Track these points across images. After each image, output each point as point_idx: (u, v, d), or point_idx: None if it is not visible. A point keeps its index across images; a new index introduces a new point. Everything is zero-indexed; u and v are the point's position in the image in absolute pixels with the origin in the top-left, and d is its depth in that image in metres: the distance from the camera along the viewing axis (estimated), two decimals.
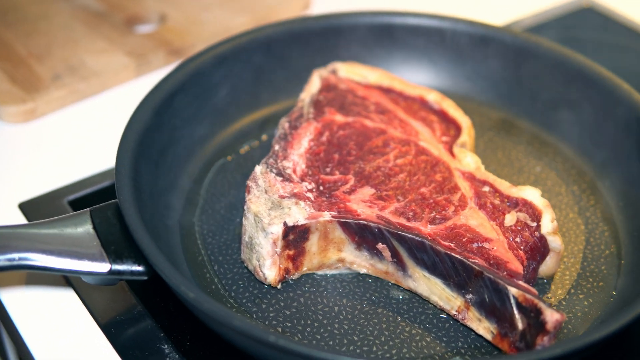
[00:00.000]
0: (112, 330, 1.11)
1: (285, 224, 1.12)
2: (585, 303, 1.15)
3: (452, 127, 1.32)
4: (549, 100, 1.42)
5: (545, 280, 1.18)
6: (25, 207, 1.28)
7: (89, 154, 1.38)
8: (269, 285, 1.15)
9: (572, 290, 1.17)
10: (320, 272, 1.18)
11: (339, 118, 1.30)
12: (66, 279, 1.17)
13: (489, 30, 1.46)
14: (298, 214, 1.14)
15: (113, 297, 1.15)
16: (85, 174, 1.34)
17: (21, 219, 1.26)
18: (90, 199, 1.30)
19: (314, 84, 1.36)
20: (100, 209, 1.12)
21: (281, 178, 1.19)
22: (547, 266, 1.17)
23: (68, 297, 1.16)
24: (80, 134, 1.42)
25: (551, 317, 1.02)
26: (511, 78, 1.45)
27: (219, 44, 1.39)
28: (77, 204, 1.29)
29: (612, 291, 1.16)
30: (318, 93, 1.34)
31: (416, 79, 1.47)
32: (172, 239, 1.20)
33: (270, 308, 1.13)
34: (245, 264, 1.17)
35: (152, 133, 1.24)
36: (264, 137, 1.39)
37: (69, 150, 1.38)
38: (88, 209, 1.12)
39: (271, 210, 1.14)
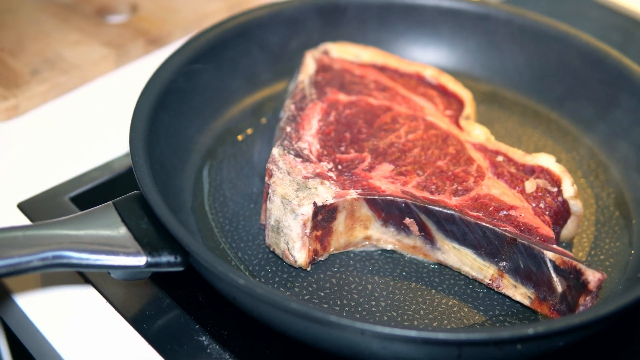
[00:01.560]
0: (144, 325, 1.07)
1: (315, 204, 1.11)
2: (607, 263, 1.18)
3: (453, 101, 1.33)
4: (535, 70, 1.44)
5: (564, 244, 1.20)
6: (25, 207, 1.22)
7: (81, 149, 1.33)
8: (299, 267, 1.13)
9: (592, 252, 1.20)
10: (347, 251, 1.17)
11: (343, 97, 1.29)
12: (83, 276, 1.13)
13: (469, 5, 1.47)
14: (326, 194, 1.12)
15: (137, 291, 1.12)
16: (81, 170, 1.29)
17: (23, 219, 1.21)
18: (92, 194, 1.25)
19: (309, 65, 1.35)
20: (124, 201, 1.08)
21: (300, 159, 1.17)
22: (568, 230, 1.19)
23: (89, 295, 1.11)
24: (68, 129, 1.36)
25: (593, 276, 1.03)
26: (495, 51, 1.47)
27: (209, 30, 1.35)
28: (79, 200, 1.24)
29: (631, 250, 1.19)
30: (315, 74, 1.33)
31: (402, 55, 1.47)
32: (190, 229, 1.17)
33: (303, 291, 1.11)
34: (272, 249, 1.15)
35: (158, 123, 1.20)
36: (263, 120, 1.37)
37: (59, 146, 1.33)
38: (111, 202, 1.08)
39: (298, 192, 1.12)
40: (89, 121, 1.38)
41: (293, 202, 1.11)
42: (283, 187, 1.12)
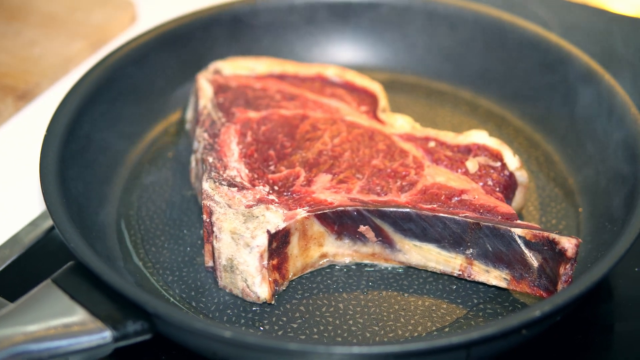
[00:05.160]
0: None
1: (268, 232, 1.03)
2: (560, 226, 1.16)
3: (364, 96, 1.28)
4: (428, 49, 1.41)
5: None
6: None
7: None
8: (263, 303, 1.05)
9: (543, 219, 1.18)
10: (305, 275, 1.10)
11: (253, 114, 1.21)
12: None
13: None
14: (275, 219, 1.04)
15: None
16: None
17: None
18: (9, 275, 1.12)
19: (205, 88, 1.26)
20: (63, 277, 0.97)
21: (235, 188, 1.09)
22: (516, 202, 1.16)
23: None
24: None
25: (569, 243, 1.00)
26: (384, 37, 1.43)
27: (86, 76, 1.23)
28: None
29: (578, 208, 1.18)
30: (215, 96, 1.24)
31: (289, 56, 1.41)
32: None
33: (275, 327, 1.03)
34: (228, 290, 1.06)
35: (66, 185, 1.09)
36: (170, 154, 1.27)
37: None
38: (49, 280, 0.96)
39: (247, 223, 1.04)
40: None
41: (245, 235, 1.02)
42: (229, 222, 1.04)
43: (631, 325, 1.09)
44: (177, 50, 1.35)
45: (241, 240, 1.02)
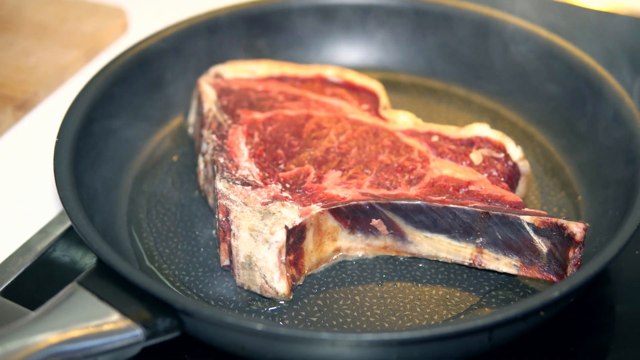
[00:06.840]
0: None
1: (286, 227, 1.05)
2: (562, 214, 1.20)
3: (364, 95, 1.30)
4: (420, 49, 1.45)
5: None
6: None
7: None
8: (281, 298, 1.07)
9: (545, 207, 1.21)
10: (320, 270, 1.12)
11: (258, 115, 1.23)
12: None
13: None
14: (292, 214, 1.07)
15: None
16: None
17: None
18: (24, 282, 1.13)
19: (208, 92, 1.27)
20: (89, 279, 0.98)
21: (249, 187, 1.11)
22: (519, 192, 1.19)
23: None
24: None
25: (578, 227, 1.04)
26: (374, 38, 1.46)
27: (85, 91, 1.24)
28: (10, 293, 1.11)
29: (577, 197, 1.22)
30: (219, 99, 1.26)
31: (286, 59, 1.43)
32: None
33: (295, 321, 1.06)
34: (246, 287, 1.08)
35: (81, 190, 1.10)
36: (175, 157, 1.29)
37: None
38: (75, 282, 0.97)
39: (264, 220, 1.06)
40: None
41: (264, 231, 1.04)
42: (247, 220, 1.06)
43: (632, 306, 1.12)
44: (173, 57, 1.37)
45: (260, 237, 1.04)
